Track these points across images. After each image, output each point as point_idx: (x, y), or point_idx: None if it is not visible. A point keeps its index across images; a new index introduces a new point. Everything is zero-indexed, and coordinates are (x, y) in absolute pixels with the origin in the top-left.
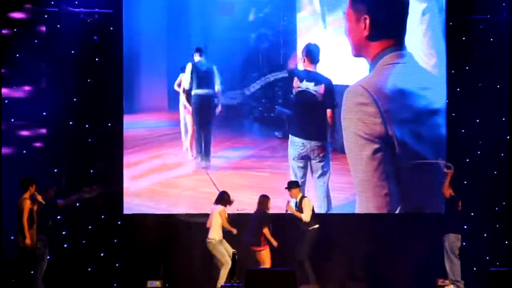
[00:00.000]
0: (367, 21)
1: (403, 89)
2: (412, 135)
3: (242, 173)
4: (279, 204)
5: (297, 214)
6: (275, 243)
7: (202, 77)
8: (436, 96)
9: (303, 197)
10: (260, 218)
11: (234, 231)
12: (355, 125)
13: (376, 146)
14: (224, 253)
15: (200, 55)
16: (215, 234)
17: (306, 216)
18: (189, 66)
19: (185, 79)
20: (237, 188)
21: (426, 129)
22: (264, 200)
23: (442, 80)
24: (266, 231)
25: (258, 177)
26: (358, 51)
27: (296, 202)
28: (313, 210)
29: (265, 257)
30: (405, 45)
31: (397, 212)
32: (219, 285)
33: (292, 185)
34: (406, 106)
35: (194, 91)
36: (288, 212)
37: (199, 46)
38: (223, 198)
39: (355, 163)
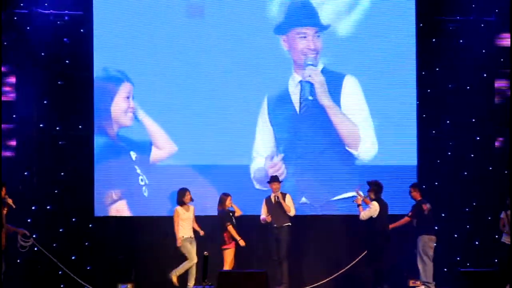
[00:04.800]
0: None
1: None
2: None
3: None
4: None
5: (285, 206)
6: (241, 243)
7: None
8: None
9: (284, 193)
10: (221, 216)
11: (201, 232)
12: None
13: None
14: (191, 251)
15: None
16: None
17: (293, 211)
18: None
19: None
20: None
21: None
22: (223, 198)
23: (412, 81)
24: (230, 228)
25: None
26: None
27: (276, 197)
28: None
29: (227, 256)
30: None
31: None
32: (174, 274)
33: (274, 179)
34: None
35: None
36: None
37: None
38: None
39: None
